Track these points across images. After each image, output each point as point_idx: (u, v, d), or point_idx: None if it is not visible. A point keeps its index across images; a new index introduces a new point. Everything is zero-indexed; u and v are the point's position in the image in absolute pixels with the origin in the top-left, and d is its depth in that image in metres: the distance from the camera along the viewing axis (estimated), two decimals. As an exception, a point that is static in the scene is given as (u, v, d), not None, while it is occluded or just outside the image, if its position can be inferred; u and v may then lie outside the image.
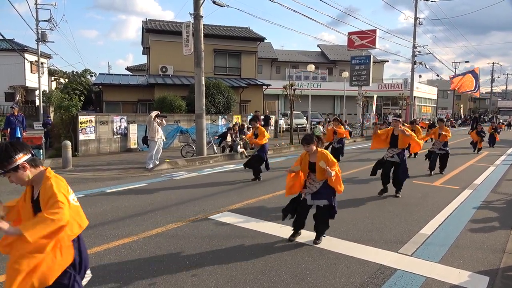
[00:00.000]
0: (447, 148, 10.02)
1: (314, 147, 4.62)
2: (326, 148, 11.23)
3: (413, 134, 7.64)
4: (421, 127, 16.89)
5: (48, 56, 34.19)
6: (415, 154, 13.51)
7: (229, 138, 13.60)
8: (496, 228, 5.48)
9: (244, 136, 14.52)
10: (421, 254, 4.39)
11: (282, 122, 24.23)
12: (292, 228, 4.83)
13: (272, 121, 21.20)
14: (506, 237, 5.06)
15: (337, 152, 11.54)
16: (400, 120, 7.72)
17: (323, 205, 4.64)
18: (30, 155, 2.30)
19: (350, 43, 29.51)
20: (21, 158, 2.24)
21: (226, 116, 17.90)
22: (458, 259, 4.29)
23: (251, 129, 16.15)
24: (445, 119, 13.94)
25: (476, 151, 15.75)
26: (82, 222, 2.33)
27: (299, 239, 4.82)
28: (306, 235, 4.96)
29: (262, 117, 18.82)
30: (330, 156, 4.62)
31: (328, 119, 24.29)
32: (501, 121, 41.19)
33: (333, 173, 4.44)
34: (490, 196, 7.54)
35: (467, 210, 6.41)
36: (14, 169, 2.21)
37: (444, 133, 9.86)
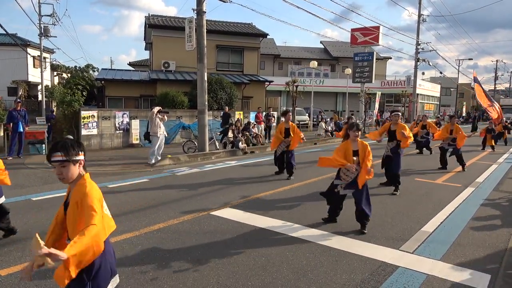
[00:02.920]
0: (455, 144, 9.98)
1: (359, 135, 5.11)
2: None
3: (410, 135, 7.54)
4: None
5: (51, 51, 34.21)
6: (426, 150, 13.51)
7: (230, 134, 13.60)
8: (498, 226, 5.47)
9: (247, 133, 14.52)
10: (423, 252, 4.39)
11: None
12: (328, 215, 5.43)
13: (274, 118, 21.12)
14: (508, 235, 5.05)
15: None
16: (399, 114, 7.74)
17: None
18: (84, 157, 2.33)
19: (353, 39, 29.38)
20: (82, 156, 2.27)
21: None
22: (460, 257, 4.28)
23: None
24: (440, 117, 13.86)
25: (487, 148, 15.69)
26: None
27: (300, 235, 4.83)
28: (307, 231, 4.97)
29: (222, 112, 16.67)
30: (369, 149, 5.02)
31: (322, 116, 24.23)
32: (504, 119, 40.92)
33: (370, 169, 4.94)
34: (493, 194, 7.52)
35: (469, 208, 6.40)
36: (74, 161, 2.21)
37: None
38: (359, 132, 5.10)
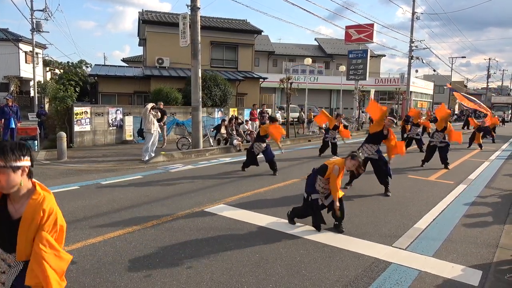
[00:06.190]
0: (447, 141, 10.03)
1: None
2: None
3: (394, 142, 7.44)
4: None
5: (43, 46, 33.79)
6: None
7: (223, 130, 13.54)
8: (490, 223, 5.53)
9: (241, 130, 14.49)
10: (415, 248, 4.42)
11: (278, 115, 24.22)
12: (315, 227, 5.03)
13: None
14: (500, 231, 5.11)
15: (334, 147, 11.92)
16: (395, 120, 7.50)
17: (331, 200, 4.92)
18: (31, 163, 1.97)
19: (348, 37, 29.40)
20: (26, 161, 1.92)
21: (222, 109, 17.85)
22: (452, 253, 4.33)
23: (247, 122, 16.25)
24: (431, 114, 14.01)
25: (470, 146, 15.82)
26: None
27: (294, 232, 4.84)
28: (301, 228, 4.98)
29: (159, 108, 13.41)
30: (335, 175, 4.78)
31: (303, 113, 24.24)
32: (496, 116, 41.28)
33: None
34: (484, 191, 7.60)
35: (461, 205, 6.46)
36: (14, 168, 1.84)
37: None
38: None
